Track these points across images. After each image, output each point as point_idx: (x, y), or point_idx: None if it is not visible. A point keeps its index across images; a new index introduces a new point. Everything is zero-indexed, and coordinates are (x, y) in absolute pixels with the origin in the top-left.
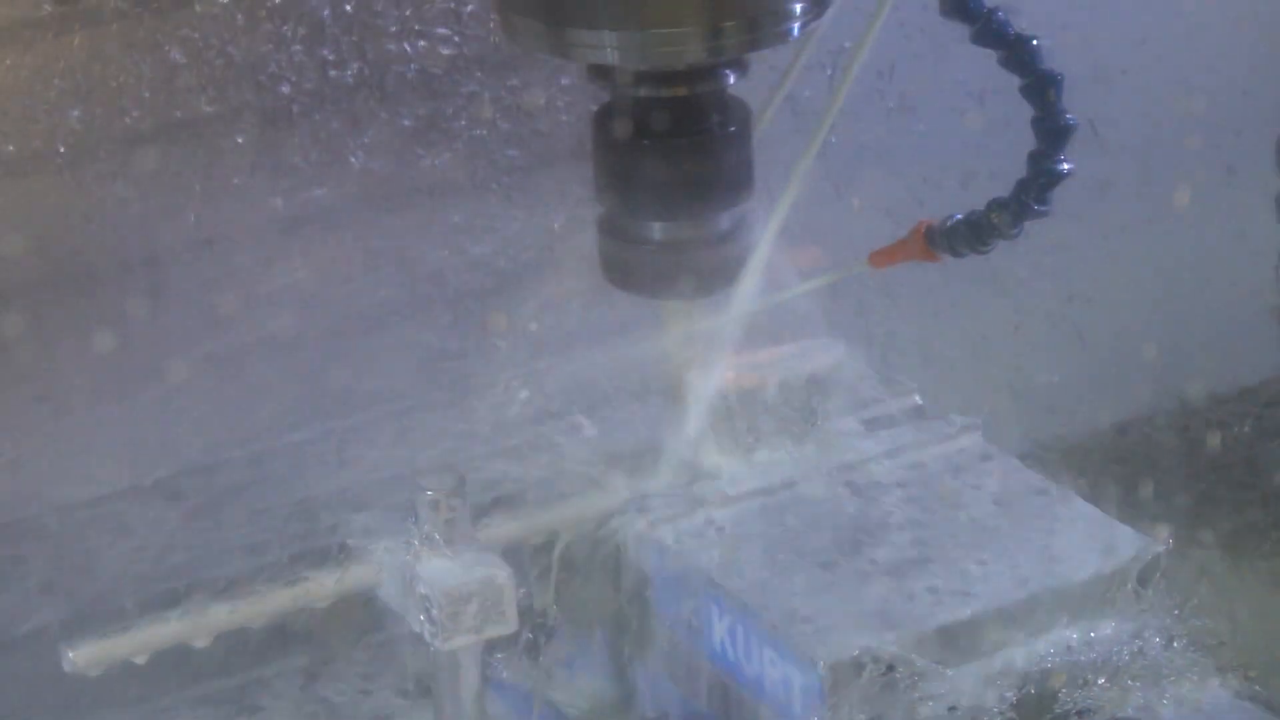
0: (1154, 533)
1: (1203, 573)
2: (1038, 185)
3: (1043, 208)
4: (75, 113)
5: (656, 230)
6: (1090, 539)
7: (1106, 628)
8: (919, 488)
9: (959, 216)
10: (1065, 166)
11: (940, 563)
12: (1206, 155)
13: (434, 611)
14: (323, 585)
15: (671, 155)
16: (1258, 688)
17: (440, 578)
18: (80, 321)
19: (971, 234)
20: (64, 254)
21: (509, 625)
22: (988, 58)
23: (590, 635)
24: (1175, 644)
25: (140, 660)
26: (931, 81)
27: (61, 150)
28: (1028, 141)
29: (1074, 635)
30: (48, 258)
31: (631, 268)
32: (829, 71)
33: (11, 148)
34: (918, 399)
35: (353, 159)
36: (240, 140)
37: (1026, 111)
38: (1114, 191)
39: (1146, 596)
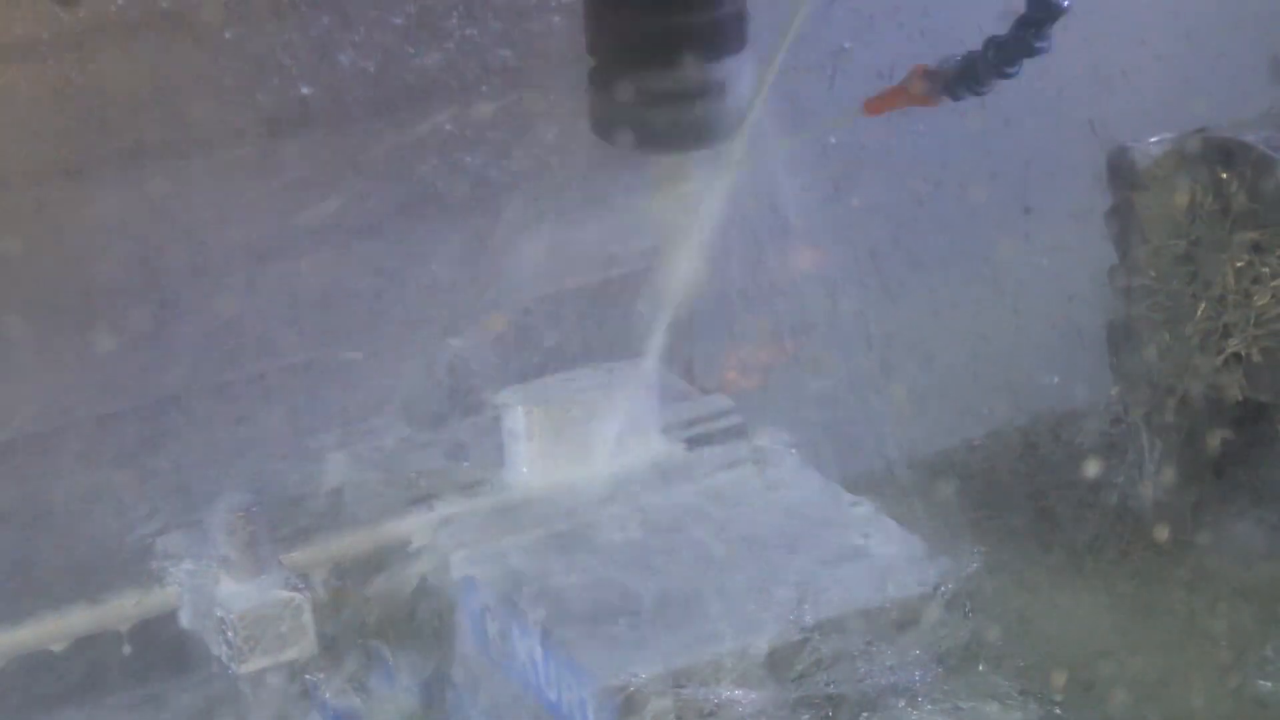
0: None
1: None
2: (1038, 21)
3: (1043, 44)
4: None
5: (644, 82)
6: (897, 559)
7: (909, 650)
8: (729, 508)
9: (955, 57)
10: (1065, 2)
11: (741, 586)
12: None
13: (230, 635)
14: (123, 608)
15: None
16: (1058, 712)
17: (237, 600)
18: None
19: (969, 74)
20: None
21: (308, 647)
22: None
23: (401, 658)
24: (980, 666)
25: None
26: None
27: None
28: (1027, 142)
29: (875, 657)
30: None
31: (618, 121)
32: (829, 71)
33: None
34: (737, 418)
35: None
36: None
37: (1026, 111)
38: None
39: (951, 619)
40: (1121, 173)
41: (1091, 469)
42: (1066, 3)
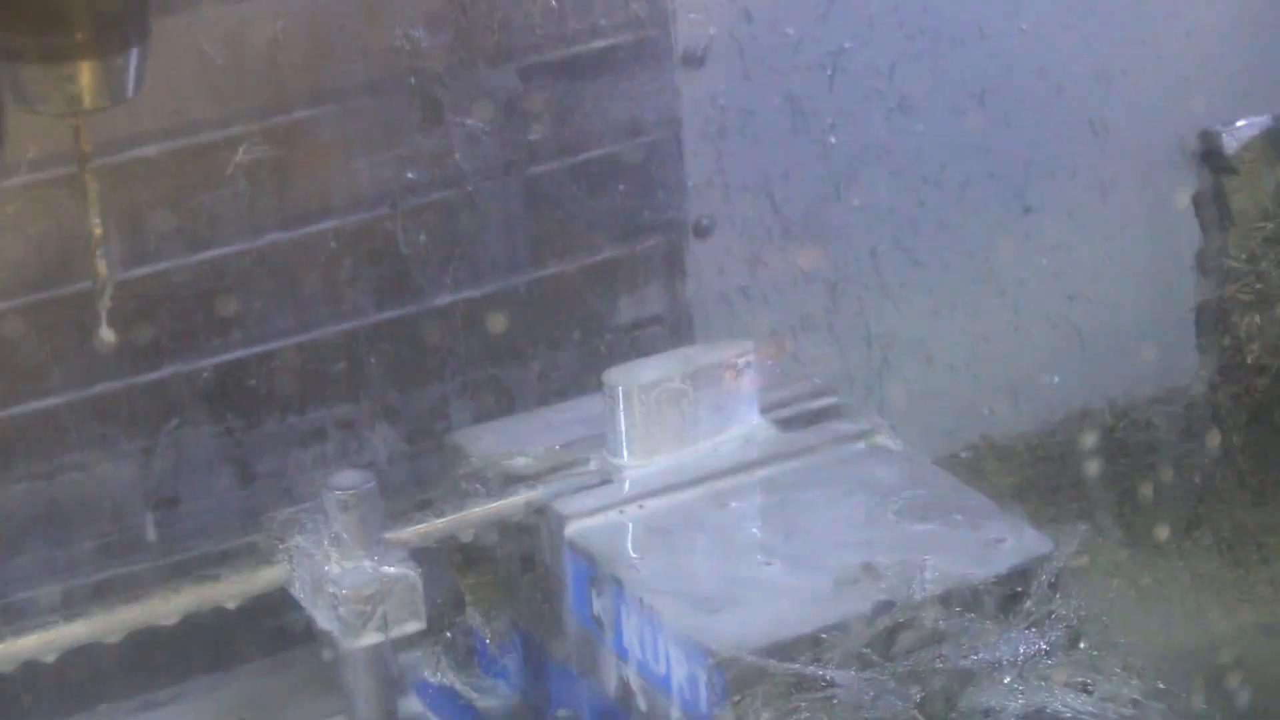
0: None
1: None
2: None
3: None
4: None
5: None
6: (999, 539)
7: (1014, 626)
8: (828, 488)
9: None
10: None
11: (847, 563)
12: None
13: (341, 610)
14: (233, 584)
15: None
16: (1160, 686)
17: (348, 577)
18: None
19: None
20: None
21: (418, 624)
22: (988, 58)
23: (505, 634)
24: (1081, 643)
25: (50, 659)
26: (931, 81)
27: None
28: (1028, 142)
29: (981, 634)
30: None
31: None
32: (829, 71)
33: None
34: (833, 398)
35: None
36: None
37: (1026, 112)
38: (1114, 191)
39: (1054, 596)
40: (1210, 157)
41: (1174, 451)
42: None
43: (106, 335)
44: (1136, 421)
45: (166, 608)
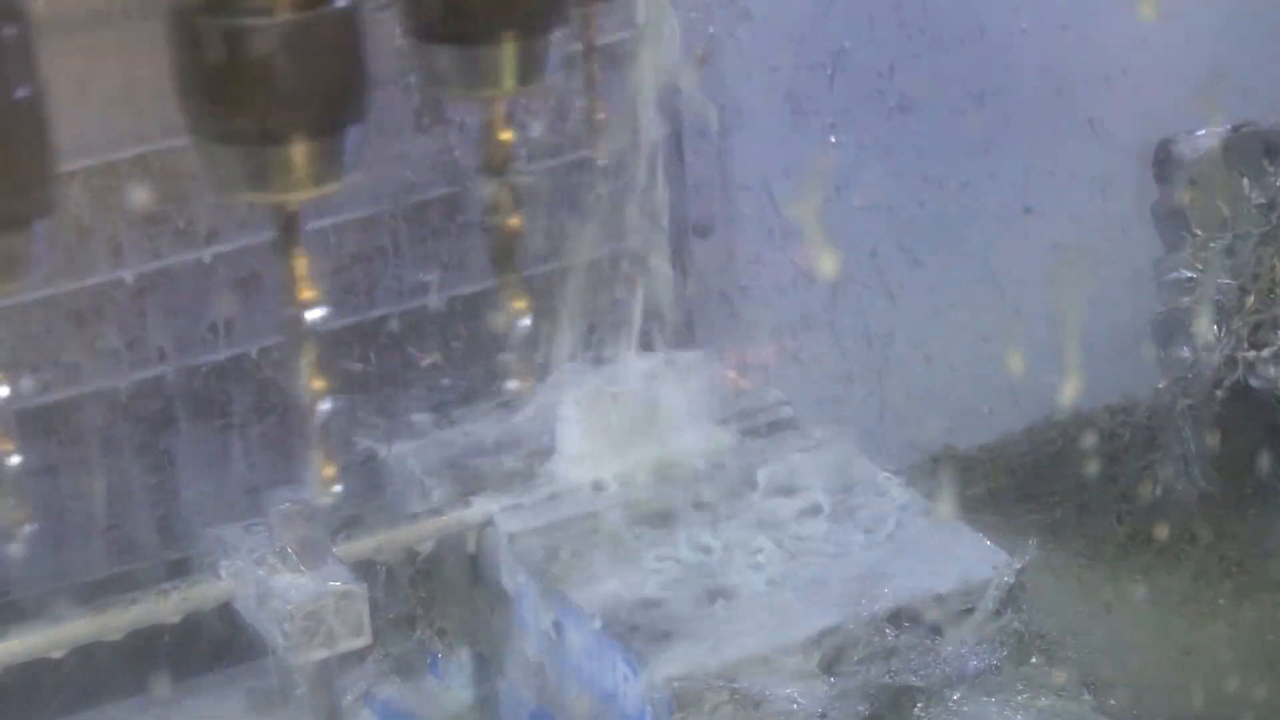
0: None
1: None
2: None
3: None
4: None
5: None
6: (951, 552)
7: (965, 641)
8: (781, 499)
9: None
10: None
11: (797, 576)
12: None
13: (287, 625)
14: (174, 599)
15: None
16: (1112, 702)
17: (294, 592)
18: None
19: None
20: None
21: (363, 639)
22: (988, 58)
23: (455, 647)
24: (1033, 659)
25: None
26: (931, 81)
27: None
28: (1028, 142)
29: (930, 649)
30: None
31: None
32: (829, 71)
33: None
34: (788, 410)
35: None
36: None
37: (1026, 112)
38: (1114, 191)
39: (1004, 610)
40: (1168, 166)
41: (1133, 463)
42: None
43: None
44: (1098, 430)
45: (111, 623)
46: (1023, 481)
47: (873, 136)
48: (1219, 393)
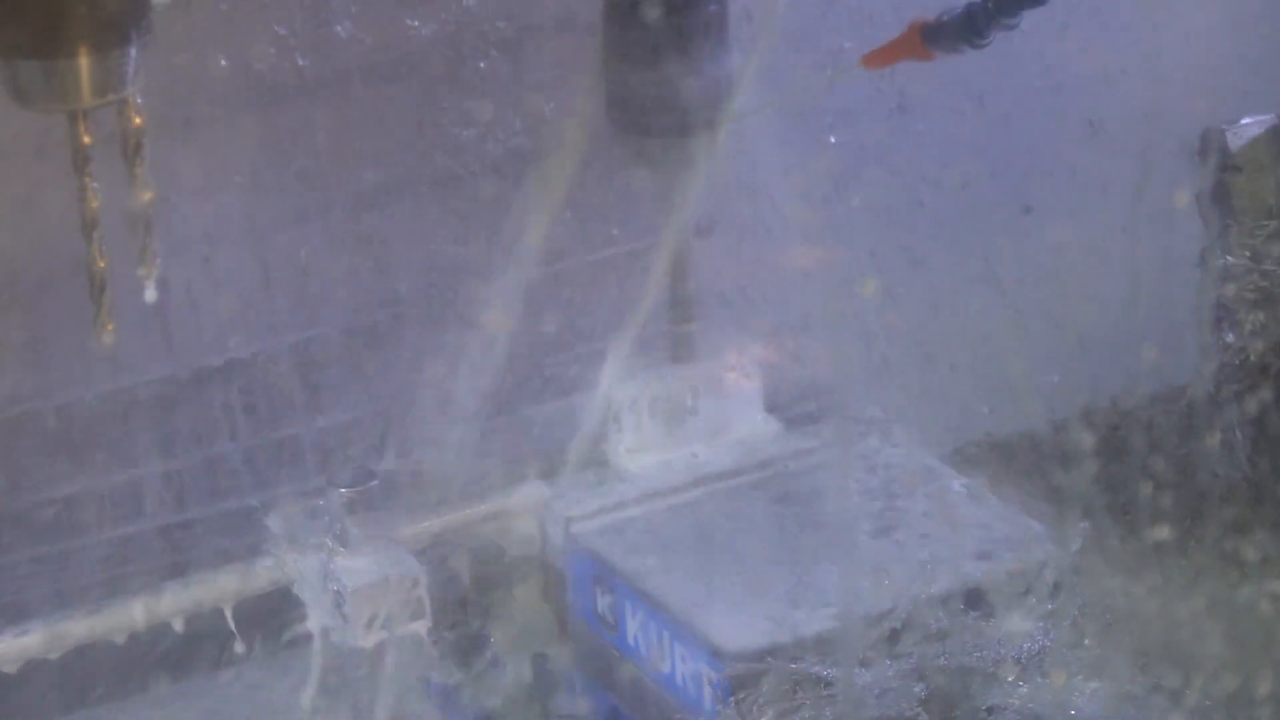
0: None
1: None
2: None
3: None
4: None
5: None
6: (1004, 536)
7: (1017, 623)
8: (832, 485)
9: (955, 11)
10: None
11: (852, 560)
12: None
13: (346, 608)
14: (235, 582)
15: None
16: (1163, 683)
17: (353, 574)
18: None
19: (968, 26)
20: None
21: (423, 622)
22: (988, 58)
23: (510, 632)
24: (1086, 641)
25: (54, 656)
26: (931, 81)
27: None
28: (1028, 142)
29: (985, 631)
30: None
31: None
32: (829, 71)
33: None
34: (836, 396)
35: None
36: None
37: (1026, 111)
38: (1114, 191)
39: (1058, 593)
40: (1215, 154)
41: (1178, 450)
42: None
43: None
44: (1139, 420)
45: (168, 607)
46: (1069, 469)
47: (873, 137)
48: (1265, 380)
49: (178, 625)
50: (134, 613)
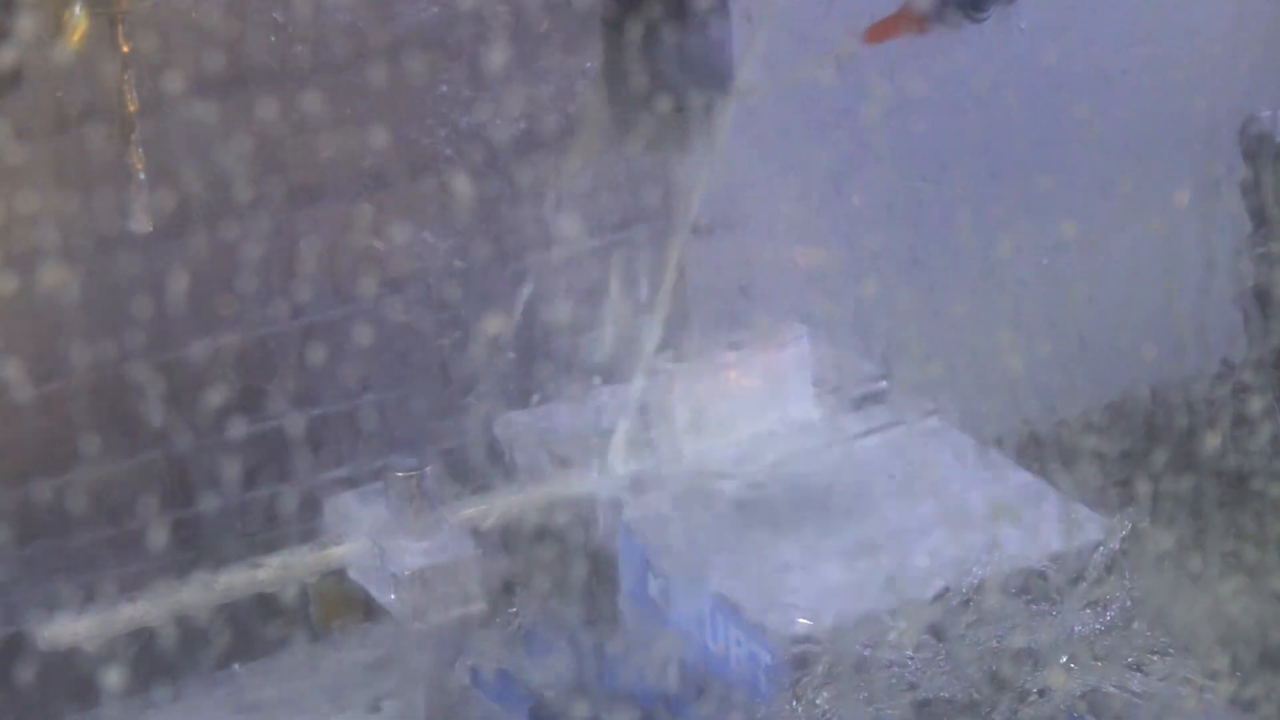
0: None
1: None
2: None
3: None
4: None
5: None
6: (1054, 521)
7: (1069, 607)
8: (884, 469)
9: None
10: None
11: (907, 543)
12: (1206, 155)
13: (401, 591)
14: (293, 566)
15: None
16: (1215, 666)
17: (410, 557)
18: None
19: None
20: None
21: (478, 604)
22: (988, 58)
23: (559, 616)
24: (1135, 624)
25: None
26: (931, 81)
27: None
28: (1028, 142)
29: (1038, 615)
30: None
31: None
32: (829, 71)
33: None
34: (884, 383)
35: None
36: None
37: (1026, 112)
38: (1114, 191)
39: (1109, 578)
40: (1255, 143)
41: (1217, 437)
42: None
43: None
44: (1175, 408)
45: (228, 590)
46: (1117, 452)
47: (873, 137)
48: None
49: (245, 606)
50: (207, 592)
